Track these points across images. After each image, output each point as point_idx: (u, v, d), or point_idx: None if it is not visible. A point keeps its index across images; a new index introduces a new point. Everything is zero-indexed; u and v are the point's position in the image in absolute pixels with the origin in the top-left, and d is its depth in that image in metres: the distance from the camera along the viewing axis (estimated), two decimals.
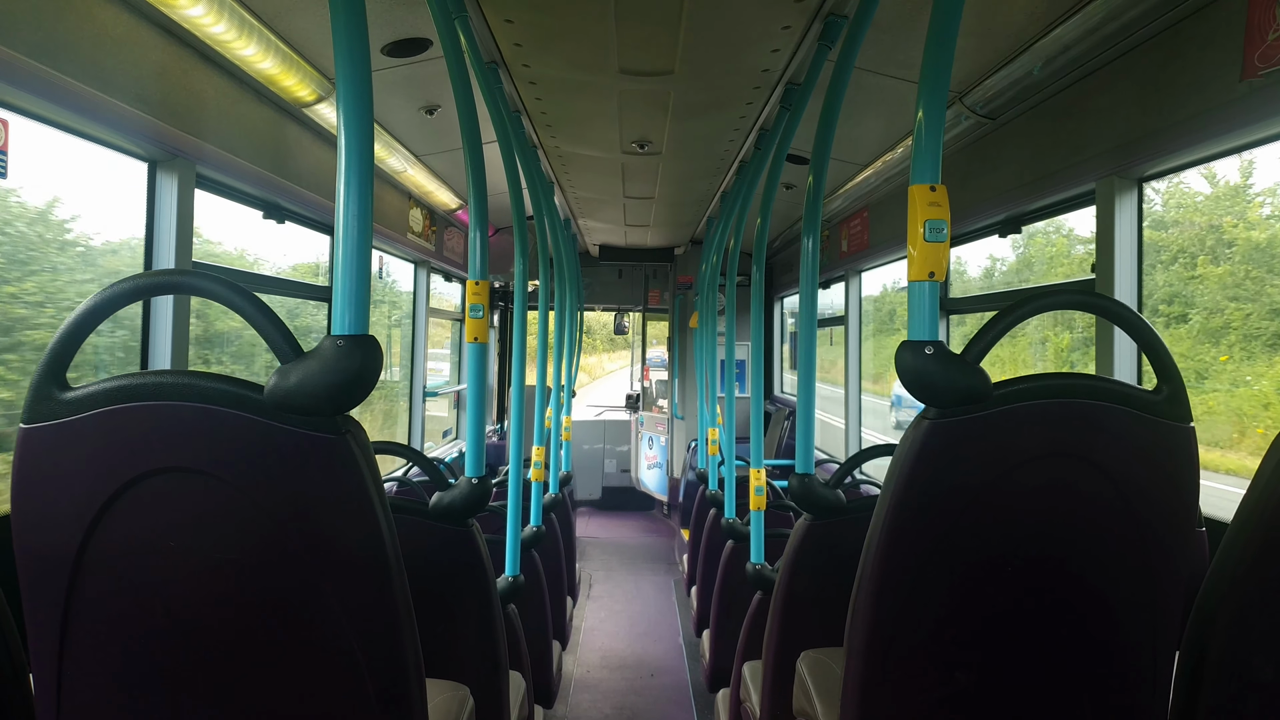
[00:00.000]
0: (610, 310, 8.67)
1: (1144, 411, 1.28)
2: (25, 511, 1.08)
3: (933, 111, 1.36)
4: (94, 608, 1.10)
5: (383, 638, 1.15)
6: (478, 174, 2.23)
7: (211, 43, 2.28)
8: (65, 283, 2.51)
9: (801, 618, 2.25)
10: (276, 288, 3.42)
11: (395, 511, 1.45)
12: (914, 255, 1.33)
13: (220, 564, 1.11)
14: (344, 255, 1.21)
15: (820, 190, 2.33)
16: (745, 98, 3.09)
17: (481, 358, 2.33)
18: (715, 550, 4.07)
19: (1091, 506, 1.28)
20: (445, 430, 6.49)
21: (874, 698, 1.35)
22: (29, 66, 1.76)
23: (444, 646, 2.07)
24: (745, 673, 2.72)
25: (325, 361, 1.10)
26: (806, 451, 2.38)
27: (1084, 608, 1.32)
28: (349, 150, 1.21)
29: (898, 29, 2.45)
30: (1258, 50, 1.76)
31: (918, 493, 1.28)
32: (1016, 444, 1.27)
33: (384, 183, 4.12)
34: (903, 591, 1.31)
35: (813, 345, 2.46)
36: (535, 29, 2.50)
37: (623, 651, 4.67)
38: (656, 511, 8.40)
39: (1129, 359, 2.33)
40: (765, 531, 3.03)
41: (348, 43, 1.23)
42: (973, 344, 1.28)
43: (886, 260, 4.49)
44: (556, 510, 4.23)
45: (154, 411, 1.07)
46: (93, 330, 1.12)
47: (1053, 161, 2.59)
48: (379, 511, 1.12)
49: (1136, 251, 2.33)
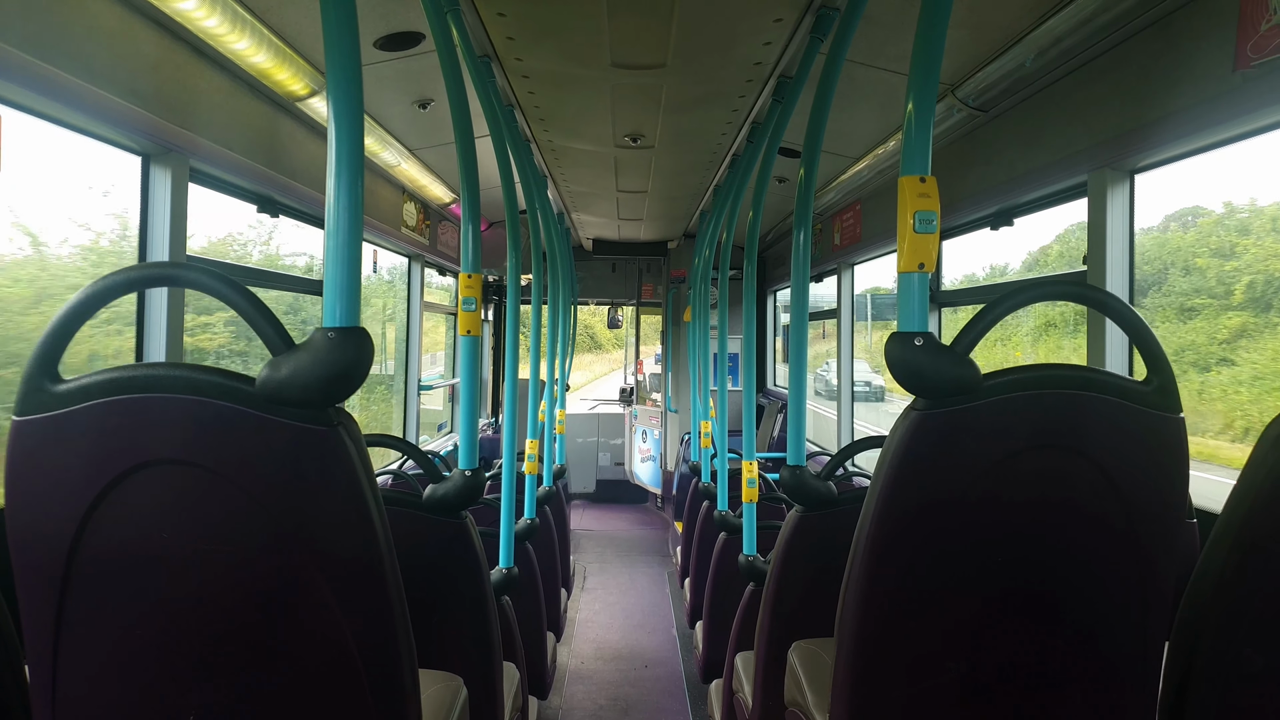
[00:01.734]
0: (604, 304, 8.68)
1: (1134, 402, 1.28)
2: (18, 504, 1.08)
3: (922, 103, 1.37)
4: (88, 600, 1.10)
5: (376, 629, 1.16)
6: (470, 168, 2.23)
7: (204, 36, 2.27)
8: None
9: (793, 609, 2.26)
10: (269, 281, 3.41)
11: (389, 504, 1.45)
12: (903, 247, 1.34)
13: (213, 555, 1.12)
14: (335, 248, 1.21)
15: (812, 183, 2.34)
16: (738, 91, 3.09)
17: (474, 351, 2.34)
18: (708, 542, 4.09)
19: (1081, 497, 1.29)
20: (440, 424, 6.50)
21: (865, 688, 1.36)
22: (21, 60, 1.75)
23: (438, 638, 2.07)
24: (738, 664, 2.74)
25: (316, 353, 1.10)
26: (798, 444, 2.39)
27: (1074, 598, 1.33)
28: (340, 143, 1.21)
29: (890, 22, 2.45)
30: (1250, 41, 1.77)
31: (907, 484, 1.28)
32: (1006, 435, 1.27)
33: (377, 177, 4.11)
34: (893, 582, 1.32)
35: (804, 338, 2.47)
36: (528, 22, 2.49)
37: (616, 643, 4.69)
38: (650, 504, 8.41)
39: (1120, 350, 2.35)
40: (757, 523, 3.04)
41: (338, 36, 1.23)
42: (962, 335, 1.28)
43: (879, 253, 4.50)
44: (550, 503, 4.24)
45: (146, 404, 1.08)
46: (85, 322, 1.12)
47: (1045, 154, 2.60)
48: (371, 503, 1.12)
49: (1128, 243, 2.34)
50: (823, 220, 5.16)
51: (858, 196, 4.50)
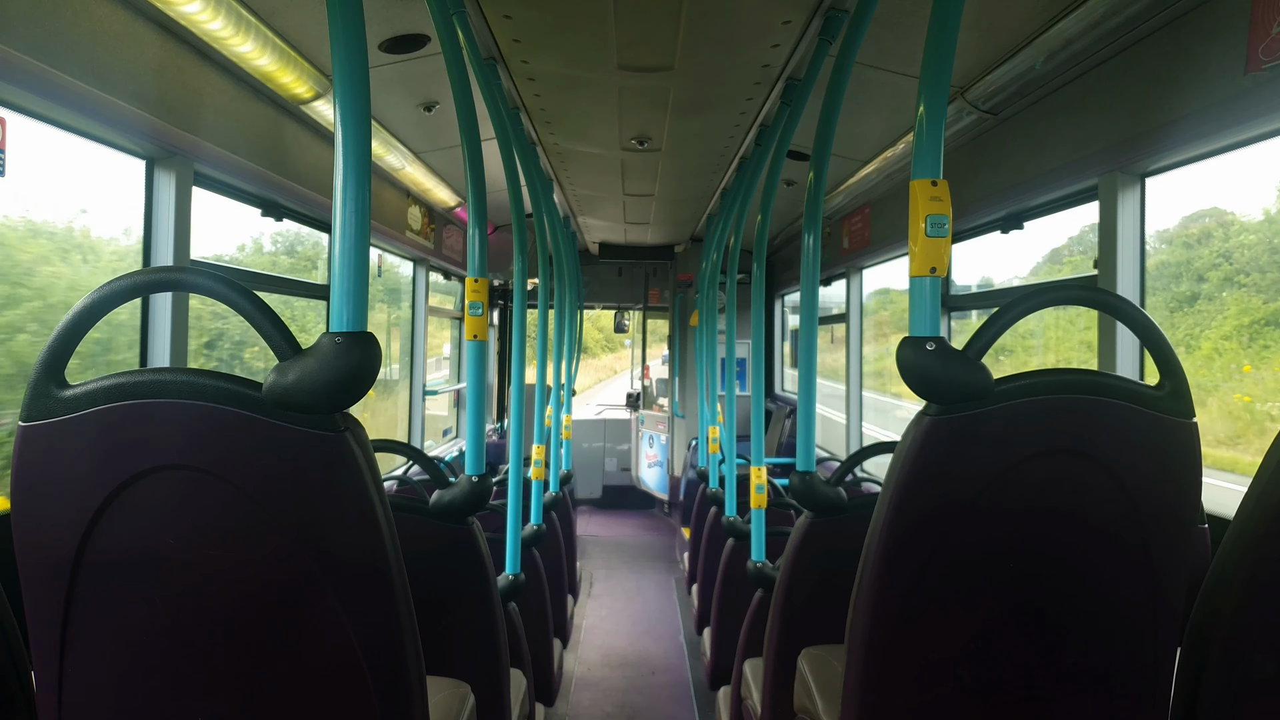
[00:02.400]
0: (610, 308, 8.67)
1: (1146, 407, 1.27)
2: (25, 509, 1.08)
3: (934, 106, 1.35)
4: (94, 605, 1.10)
5: (383, 635, 1.15)
6: (476, 171, 2.23)
7: (208, 39, 2.27)
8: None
9: (802, 615, 2.25)
10: (274, 285, 3.41)
11: (395, 510, 1.44)
12: (915, 251, 1.32)
13: (220, 561, 1.11)
14: (342, 252, 1.20)
15: (821, 187, 2.32)
16: (745, 94, 3.08)
17: (481, 356, 2.33)
18: (716, 548, 4.07)
19: (1093, 502, 1.28)
20: (445, 429, 6.49)
21: (875, 695, 1.35)
22: (25, 63, 1.75)
23: (445, 644, 2.06)
24: (746, 670, 2.72)
25: (324, 359, 1.10)
26: (807, 449, 2.37)
27: (1085, 604, 1.32)
28: (346, 147, 1.21)
29: (899, 24, 2.43)
30: (1262, 43, 1.75)
31: (918, 490, 1.27)
32: (1018, 440, 1.26)
33: (382, 180, 4.11)
34: (903, 588, 1.31)
35: (813, 343, 2.45)
36: (534, 25, 2.49)
37: (624, 649, 4.67)
38: (657, 510, 8.40)
39: (1131, 354, 2.33)
40: (766, 529, 3.02)
41: (345, 39, 1.23)
42: (974, 340, 1.27)
43: (888, 257, 4.48)
44: (557, 508, 4.23)
45: (152, 409, 1.07)
46: (91, 328, 1.11)
47: (1055, 157, 2.58)
48: (379, 509, 1.11)
49: (1139, 247, 2.32)
50: (831, 224, 5.14)
51: (867, 200, 4.48)
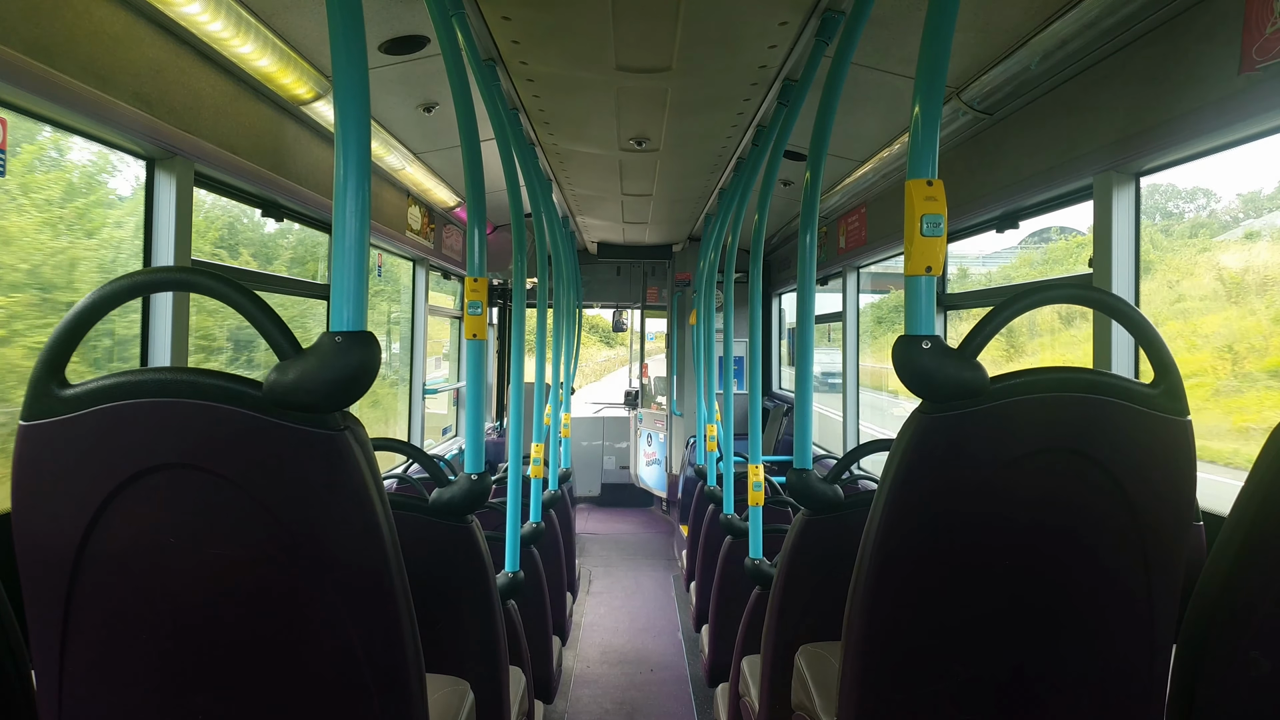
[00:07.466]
0: (609, 307, 8.67)
1: (1141, 405, 1.28)
2: (25, 508, 1.08)
3: (929, 106, 1.36)
4: (95, 604, 1.10)
5: (382, 633, 1.16)
6: (475, 171, 2.24)
7: (209, 40, 2.28)
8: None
9: (800, 612, 2.26)
10: (275, 285, 3.42)
11: (395, 508, 1.45)
12: (911, 250, 1.34)
13: (220, 559, 1.12)
14: (342, 252, 1.21)
15: (818, 186, 2.33)
16: (743, 94, 3.09)
17: (480, 355, 2.34)
18: (714, 546, 4.08)
19: (1089, 500, 1.29)
20: (445, 428, 6.50)
21: (872, 691, 1.36)
22: (26, 64, 1.76)
23: (444, 642, 2.07)
24: (744, 667, 2.73)
25: (324, 358, 1.10)
26: (804, 447, 2.38)
27: (1081, 601, 1.33)
28: (346, 147, 1.21)
29: (895, 24, 2.45)
30: (1256, 43, 1.76)
31: (914, 487, 1.28)
32: (1013, 438, 1.27)
33: (382, 180, 4.12)
34: (900, 585, 1.32)
35: (810, 341, 2.46)
36: (533, 26, 2.49)
37: (622, 647, 4.68)
38: (655, 508, 8.41)
39: (1126, 353, 2.34)
40: (764, 527, 3.03)
41: (345, 40, 1.23)
42: (970, 338, 1.28)
43: (884, 256, 4.49)
44: (556, 506, 4.24)
45: (153, 408, 1.08)
46: (91, 327, 1.12)
47: (1050, 156, 2.59)
48: (379, 507, 1.12)
49: (1134, 246, 2.33)
50: (827, 223, 5.15)
51: (863, 199, 4.49)
